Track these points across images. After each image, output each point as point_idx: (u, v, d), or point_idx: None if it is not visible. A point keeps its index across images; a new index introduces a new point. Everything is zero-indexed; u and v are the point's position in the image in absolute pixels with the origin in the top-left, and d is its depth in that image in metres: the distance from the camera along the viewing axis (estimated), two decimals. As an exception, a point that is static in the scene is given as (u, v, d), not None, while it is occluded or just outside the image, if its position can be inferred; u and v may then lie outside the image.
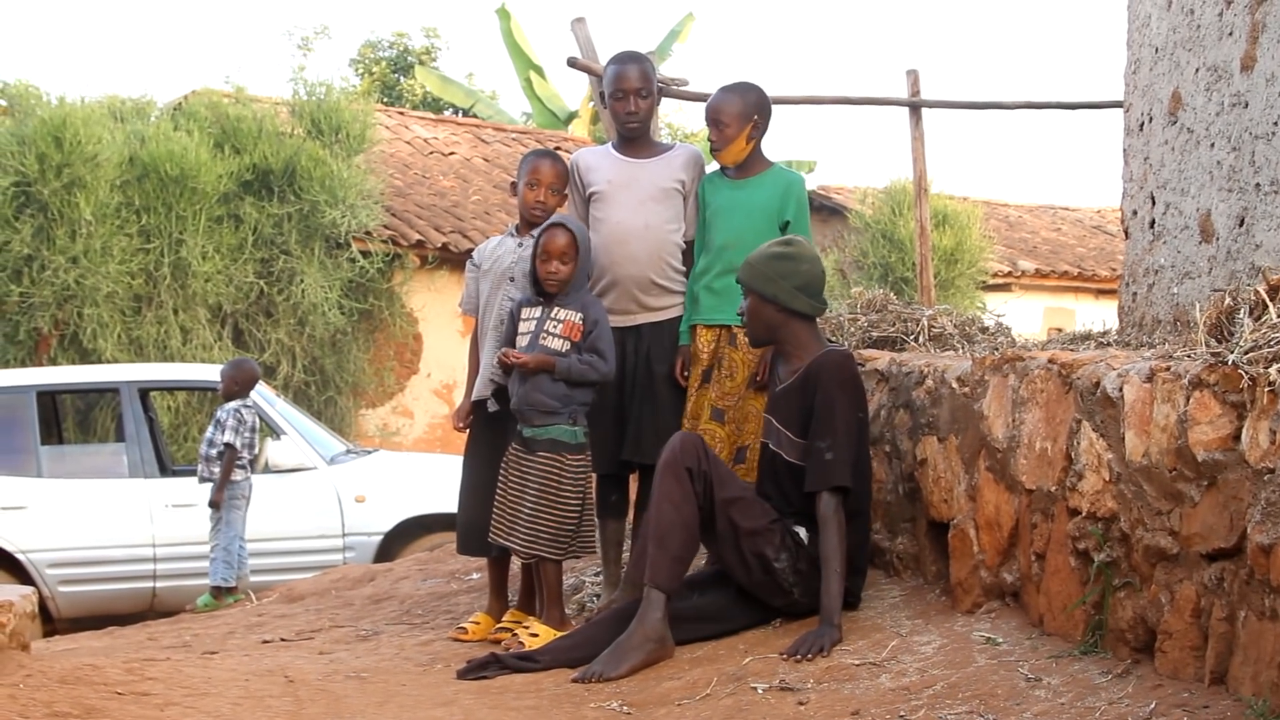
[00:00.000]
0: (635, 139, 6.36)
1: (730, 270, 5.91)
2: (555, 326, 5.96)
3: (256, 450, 9.84)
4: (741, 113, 6.11)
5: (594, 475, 6.15)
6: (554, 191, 6.33)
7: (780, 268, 5.49)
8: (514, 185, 6.47)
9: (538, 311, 6.02)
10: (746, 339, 5.79)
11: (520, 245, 6.29)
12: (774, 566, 5.34)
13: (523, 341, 6.01)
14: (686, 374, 6.15)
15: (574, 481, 5.92)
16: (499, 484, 6.03)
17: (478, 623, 6.32)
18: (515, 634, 5.90)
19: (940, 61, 61.68)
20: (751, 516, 5.37)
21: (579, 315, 5.95)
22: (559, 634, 5.77)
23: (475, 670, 5.46)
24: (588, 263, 6.04)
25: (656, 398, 6.17)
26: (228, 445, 9.48)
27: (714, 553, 5.57)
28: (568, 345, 5.92)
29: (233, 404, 9.63)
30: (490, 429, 6.27)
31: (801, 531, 5.40)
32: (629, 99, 6.26)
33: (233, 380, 9.77)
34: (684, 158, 6.34)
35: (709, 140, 6.18)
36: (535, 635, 5.79)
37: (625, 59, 6.36)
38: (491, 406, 6.26)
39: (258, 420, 9.78)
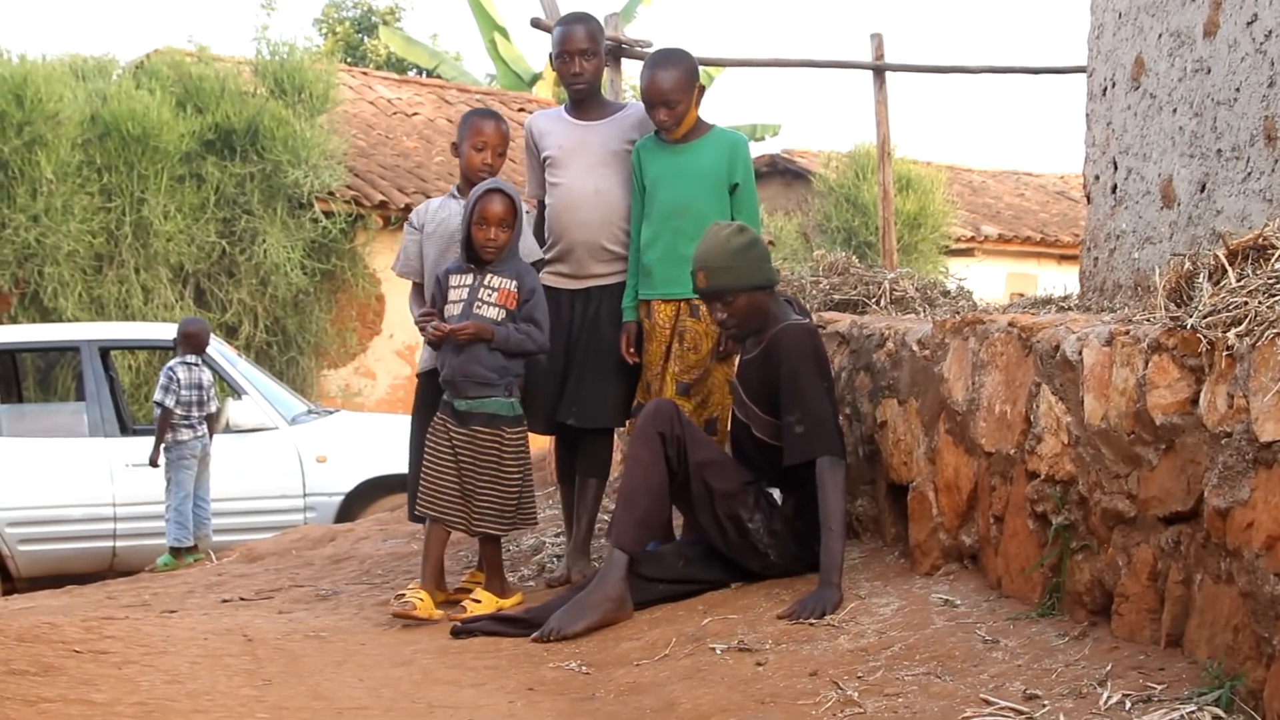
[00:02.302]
0: (584, 100, 6.25)
1: (684, 237, 5.76)
2: (490, 295, 5.79)
3: (211, 408, 9.79)
4: (688, 84, 5.90)
5: (551, 441, 6.09)
6: (498, 153, 6.19)
7: (754, 254, 5.37)
8: (455, 146, 6.30)
9: (470, 279, 5.84)
10: (731, 338, 5.61)
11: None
12: (748, 527, 5.33)
13: (454, 310, 5.83)
14: (634, 349, 6.02)
15: (515, 455, 5.82)
16: (427, 455, 5.87)
17: (421, 598, 6.05)
18: (461, 603, 5.80)
19: (905, 25, 61.61)
20: (725, 479, 5.36)
21: (514, 283, 5.80)
22: (502, 601, 5.77)
23: (466, 629, 5.42)
24: (522, 228, 5.91)
25: (601, 359, 6.07)
26: (159, 405, 9.51)
27: (691, 520, 5.53)
28: (503, 314, 5.77)
29: (170, 363, 9.66)
30: (438, 395, 6.16)
31: (775, 493, 5.41)
32: (574, 60, 6.12)
33: (176, 340, 9.84)
34: (635, 118, 6.22)
35: (659, 121, 5.92)
36: (479, 602, 5.75)
37: (571, 19, 6.22)
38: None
39: (205, 377, 9.74)
